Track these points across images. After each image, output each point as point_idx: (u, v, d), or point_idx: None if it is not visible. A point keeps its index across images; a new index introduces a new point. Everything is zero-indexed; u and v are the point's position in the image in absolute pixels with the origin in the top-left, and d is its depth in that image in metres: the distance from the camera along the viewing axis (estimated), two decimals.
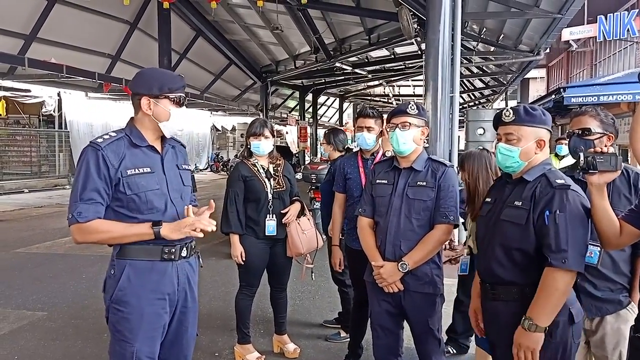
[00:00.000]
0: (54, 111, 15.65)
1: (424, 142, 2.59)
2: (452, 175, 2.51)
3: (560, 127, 16.02)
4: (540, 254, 1.85)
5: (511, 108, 2.00)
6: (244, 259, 3.36)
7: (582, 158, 1.80)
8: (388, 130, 2.58)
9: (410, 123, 2.50)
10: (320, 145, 4.02)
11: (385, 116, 2.92)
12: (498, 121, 2.03)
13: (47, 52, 11.68)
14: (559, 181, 1.87)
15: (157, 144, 2.13)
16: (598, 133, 2.24)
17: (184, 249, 2.12)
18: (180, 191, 2.16)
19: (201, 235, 1.99)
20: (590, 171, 1.78)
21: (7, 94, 13.58)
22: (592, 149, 1.84)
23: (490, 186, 2.36)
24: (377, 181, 2.60)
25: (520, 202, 1.92)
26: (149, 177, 2.04)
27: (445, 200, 2.45)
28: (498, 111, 2.06)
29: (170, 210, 2.08)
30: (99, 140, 2.01)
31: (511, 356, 1.93)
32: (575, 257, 1.79)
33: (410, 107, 2.52)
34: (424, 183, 2.48)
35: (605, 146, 2.20)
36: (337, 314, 4.23)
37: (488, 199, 2.14)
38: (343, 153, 4.08)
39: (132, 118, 2.12)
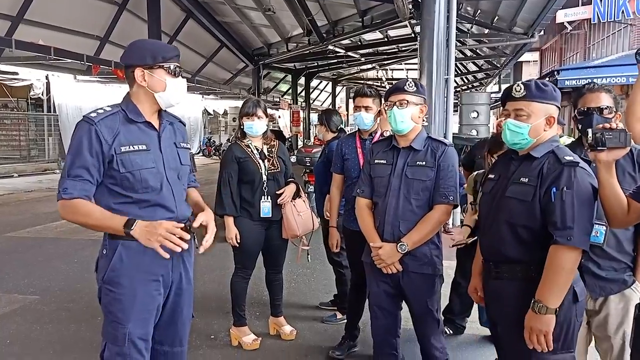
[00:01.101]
0: (42, 94, 15.41)
1: (423, 120, 2.53)
2: (452, 154, 2.47)
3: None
4: (546, 231, 1.82)
5: (522, 83, 1.94)
6: (238, 241, 3.32)
7: (590, 135, 1.75)
8: (386, 108, 2.53)
9: (408, 101, 2.45)
10: (315, 127, 3.93)
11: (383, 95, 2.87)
12: (507, 96, 1.97)
13: (34, 34, 11.43)
14: (567, 158, 1.83)
15: (154, 119, 2.04)
16: (613, 111, 2.20)
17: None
18: (177, 170, 2.08)
19: (166, 255, 1.86)
20: (599, 148, 1.74)
21: None
22: (601, 125, 1.79)
23: (494, 162, 2.32)
24: (376, 161, 2.55)
25: (527, 179, 1.88)
26: (144, 155, 1.96)
27: (445, 180, 2.41)
28: (507, 86, 2.01)
29: (166, 190, 2.01)
30: (93, 114, 1.92)
31: (513, 334, 1.91)
32: (581, 235, 1.76)
33: (408, 85, 2.47)
34: (424, 163, 2.43)
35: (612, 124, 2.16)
36: (332, 296, 4.21)
37: (491, 176, 2.10)
38: (336, 134, 4.02)
39: (128, 93, 2.04)
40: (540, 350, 1.81)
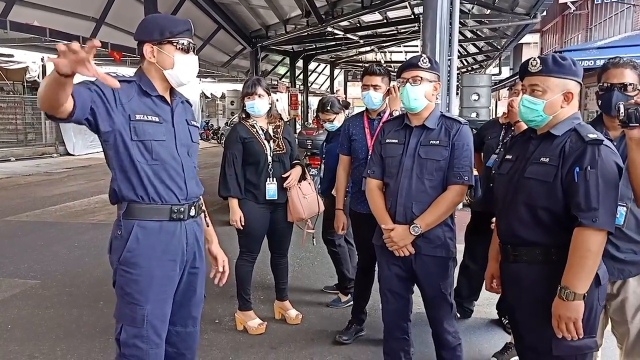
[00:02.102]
0: (38, 77, 15.19)
1: (436, 98, 2.44)
2: (467, 133, 2.38)
3: None
4: (568, 213, 1.74)
5: (539, 57, 1.85)
6: (243, 224, 3.25)
7: (622, 110, 1.67)
8: (398, 85, 2.44)
9: (421, 77, 2.36)
10: (323, 122, 3.73)
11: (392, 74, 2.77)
12: (524, 71, 1.88)
13: (29, 15, 11.21)
14: (591, 135, 1.75)
15: (166, 95, 2.00)
16: (638, 89, 2.10)
17: (192, 207, 2.03)
18: (188, 146, 2.04)
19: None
20: (632, 124, 1.66)
21: None
22: (633, 101, 1.70)
23: (510, 142, 2.24)
24: (387, 141, 2.47)
25: (548, 159, 1.80)
26: (157, 127, 1.92)
27: (459, 159, 2.33)
28: (524, 61, 1.92)
29: (176, 164, 1.97)
30: (112, 74, 1.82)
31: (532, 320, 1.86)
32: (607, 216, 1.68)
33: (422, 61, 2.37)
34: (437, 142, 2.35)
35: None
36: (337, 279, 4.16)
37: (509, 156, 2.02)
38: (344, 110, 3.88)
39: (140, 67, 1.99)
40: (571, 338, 1.74)
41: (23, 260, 5.08)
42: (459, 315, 3.59)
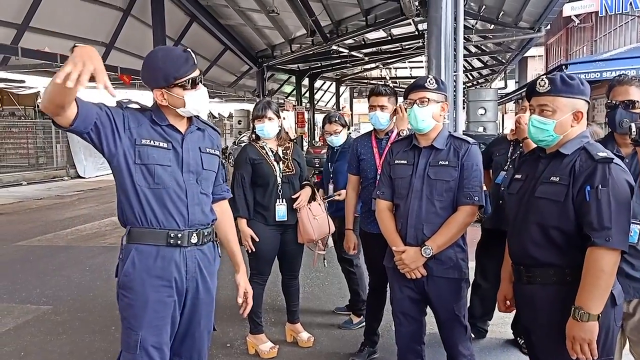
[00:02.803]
0: None
1: (444, 118, 2.45)
2: (476, 153, 2.38)
3: None
4: (581, 232, 1.73)
5: (546, 77, 1.86)
6: (253, 245, 3.24)
7: (634, 129, 1.67)
8: (405, 106, 2.45)
9: (429, 99, 2.37)
10: (333, 134, 3.75)
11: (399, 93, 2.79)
12: (532, 92, 1.89)
13: (40, 42, 11.44)
14: (601, 154, 1.74)
15: (181, 125, 2.02)
16: None
17: (194, 235, 2.00)
18: (197, 174, 2.03)
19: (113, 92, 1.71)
20: None
21: (2, 85, 13.39)
22: None
23: (519, 161, 2.23)
24: (396, 161, 2.47)
25: (558, 178, 1.79)
26: (163, 152, 1.95)
27: (469, 180, 2.33)
28: (531, 80, 1.93)
29: (180, 190, 1.97)
30: (125, 100, 1.95)
31: (549, 342, 1.83)
32: (620, 235, 1.67)
33: (429, 82, 2.39)
34: (446, 162, 2.35)
35: None
36: (348, 300, 4.13)
37: (518, 176, 2.01)
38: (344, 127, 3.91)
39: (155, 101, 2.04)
40: (585, 359, 1.71)
41: (35, 285, 5.10)
42: (473, 335, 3.54)
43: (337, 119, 3.87)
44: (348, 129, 4.01)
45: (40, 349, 3.62)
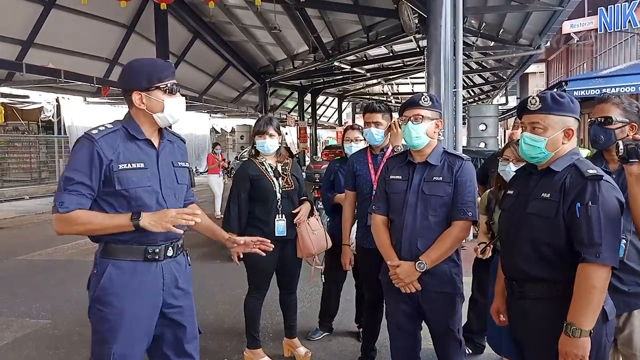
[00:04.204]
0: (52, 117, 15.57)
1: (439, 135, 2.48)
2: (470, 169, 2.42)
3: None
4: (572, 248, 1.75)
5: (537, 95, 1.89)
6: (241, 258, 3.25)
7: (621, 146, 1.70)
8: (400, 123, 2.49)
9: (423, 116, 2.41)
10: (354, 142, 3.73)
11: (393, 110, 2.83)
12: (523, 109, 1.92)
13: (44, 58, 11.59)
14: (590, 171, 1.77)
15: (154, 137, 2.05)
16: (619, 122, 2.15)
17: (170, 248, 2.05)
18: (174, 190, 2.07)
19: (180, 231, 1.95)
20: (631, 160, 1.69)
21: (6, 100, 13.50)
22: (631, 137, 1.74)
23: (511, 178, 2.26)
24: (391, 177, 2.50)
25: (549, 194, 1.82)
26: (141, 173, 1.96)
27: (462, 195, 2.35)
28: (522, 99, 1.96)
29: (160, 209, 1.99)
30: (94, 131, 1.94)
31: (541, 357, 1.84)
32: (610, 252, 1.69)
33: (424, 99, 2.43)
34: (440, 178, 2.38)
35: (628, 135, 2.11)
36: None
37: (510, 192, 2.04)
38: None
39: (129, 111, 2.05)
40: None
41: (35, 299, 5.11)
42: (470, 351, 3.54)
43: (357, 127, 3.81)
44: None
45: None
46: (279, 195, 3.28)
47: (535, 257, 1.85)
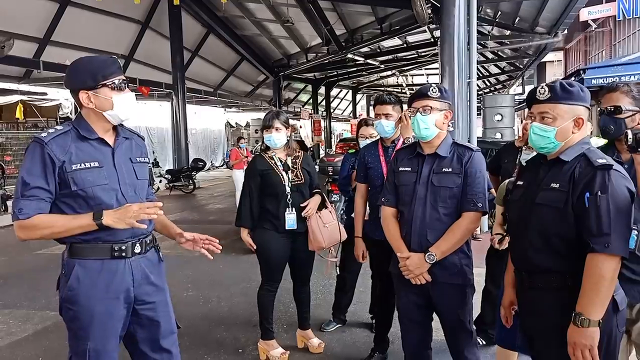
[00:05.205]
0: (70, 113, 15.75)
1: (449, 125, 2.47)
2: (480, 160, 2.40)
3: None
4: (581, 239, 1.74)
5: (546, 85, 1.87)
6: (254, 248, 3.34)
7: (630, 135, 1.68)
8: (409, 115, 2.48)
9: (431, 107, 2.39)
10: (363, 138, 3.74)
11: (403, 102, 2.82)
12: (532, 99, 1.90)
13: (61, 55, 11.78)
14: (600, 161, 1.75)
15: (108, 136, 2.04)
16: (630, 110, 2.11)
17: (137, 245, 2.04)
18: (134, 185, 2.06)
19: (144, 226, 1.93)
20: None
21: (24, 97, 13.73)
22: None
23: (521, 168, 2.25)
24: (400, 169, 2.50)
25: (558, 184, 1.80)
26: (96, 172, 1.95)
27: (472, 186, 2.34)
28: (532, 88, 1.94)
29: (119, 205, 1.98)
30: (43, 134, 1.93)
31: (552, 348, 1.83)
32: (619, 241, 1.67)
33: (432, 90, 2.41)
34: (450, 169, 2.37)
35: (638, 124, 2.08)
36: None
37: (520, 182, 2.02)
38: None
39: (80, 112, 2.03)
40: None
41: (55, 293, 5.09)
42: (484, 342, 3.54)
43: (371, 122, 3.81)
44: None
45: (58, 354, 3.71)
46: (288, 189, 3.30)
47: (544, 248, 1.84)
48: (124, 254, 1.99)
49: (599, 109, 2.19)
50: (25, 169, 1.89)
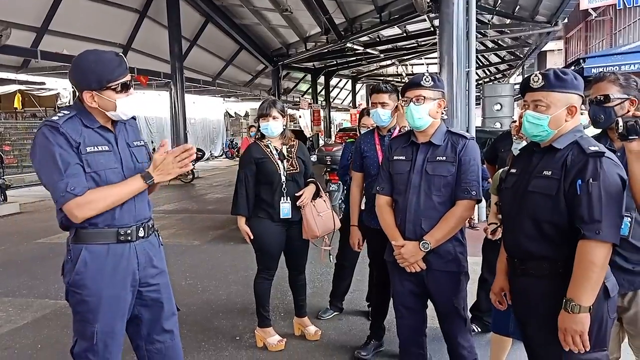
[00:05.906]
0: (69, 102, 15.76)
1: (442, 114, 2.47)
2: (473, 148, 2.40)
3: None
4: (573, 226, 1.75)
5: (540, 73, 1.87)
6: (253, 239, 3.35)
7: (621, 123, 1.68)
8: (402, 104, 2.48)
9: (424, 96, 2.38)
10: (364, 128, 3.77)
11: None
12: (525, 87, 1.90)
13: (59, 44, 11.72)
14: (592, 148, 1.75)
15: (108, 123, 2.05)
16: (618, 99, 2.11)
17: (141, 229, 2.09)
18: (134, 170, 2.08)
19: (190, 167, 2.05)
20: (631, 137, 1.67)
21: (23, 87, 13.72)
22: (631, 114, 1.72)
23: (515, 156, 2.25)
24: (395, 157, 2.51)
25: (550, 172, 1.81)
26: (107, 156, 2.00)
27: (466, 174, 2.35)
28: (525, 76, 1.94)
29: None
30: (55, 118, 1.93)
31: (543, 334, 1.85)
32: (610, 228, 1.68)
33: (425, 79, 2.41)
34: (444, 158, 2.38)
35: (629, 111, 2.08)
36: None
37: (513, 170, 2.03)
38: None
39: (79, 99, 2.02)
40: (577, 351, 1.74)
41: (54, 281, 5.25)
42: (479, 329, 3.56)
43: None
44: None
45: (57, 341, 3.75)
46: (283, 178, 3.31)
47: (537, 235, 1.85)
48: (129, 238, 2.04)
49: (588, 99, 2.19)
50: (52, 152, 1.87)
